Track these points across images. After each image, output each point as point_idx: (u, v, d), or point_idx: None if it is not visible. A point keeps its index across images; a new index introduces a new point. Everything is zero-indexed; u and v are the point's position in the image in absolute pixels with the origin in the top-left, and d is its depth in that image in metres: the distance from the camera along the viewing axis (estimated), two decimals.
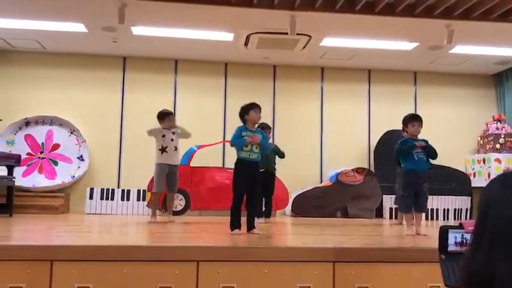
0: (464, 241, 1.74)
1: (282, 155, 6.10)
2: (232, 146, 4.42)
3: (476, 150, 8.14)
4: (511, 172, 0.94)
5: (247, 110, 4.41)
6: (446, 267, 1.71)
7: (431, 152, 4.62)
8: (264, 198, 5.99)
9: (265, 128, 5.73)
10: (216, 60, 7.78)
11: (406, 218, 4.77)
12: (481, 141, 8.00)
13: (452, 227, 1.78)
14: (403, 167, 4.67)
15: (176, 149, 5.78)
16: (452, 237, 1.76)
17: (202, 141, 7.08)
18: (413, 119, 4.68)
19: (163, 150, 5.68)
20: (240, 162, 4.34)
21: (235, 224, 4.25)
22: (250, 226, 4.31)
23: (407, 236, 4.43)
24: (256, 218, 4.57)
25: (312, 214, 7.06)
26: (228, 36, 6.53)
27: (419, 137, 4.70)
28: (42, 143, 7.37)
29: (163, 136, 5.69)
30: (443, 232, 1.77)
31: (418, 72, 8.30)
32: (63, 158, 7.37)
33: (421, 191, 4.58)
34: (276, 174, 6.21)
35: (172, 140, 5.73)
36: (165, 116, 5.80)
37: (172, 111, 6.30)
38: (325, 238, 4.52)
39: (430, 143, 4.68)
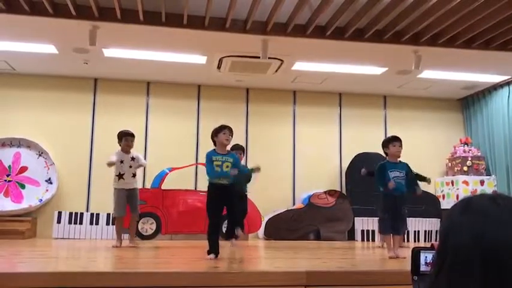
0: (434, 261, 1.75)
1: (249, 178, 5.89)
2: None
3: (445, 173, 8.30)
4: (471, 198, 0.94)
5: (216, 133, 4.41)
6: None
7: (412, 179, 4.70)
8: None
9: (237, 149, 5.72)
10: (188, 82, 7.77)
11: (386, 240, 4.79)
12: (449, 164, 8.16)
13: (424, 249, 1.79)
14: (382, 190, 4.73)
15: (134, 175, 5.64)
16: (423, 257, 1.77)
17: (174, 163, 7.01)
18: (394, 140, 4.80)
19: (120, 176, 5.55)
20: (210, 186, 4.31)
21: (211, 249, 4.20)
22: (229, 235, 4.38)
23: (390, 258, 4.44)
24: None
25: (284, 237, 7.02)
26: (201, 59, 6.54)
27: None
28: (9, 166, 7.16)
29: (121, 162, 5.55)
30: (415, 253, 1.77)
31: (388, 96, 8.47)
32: (31, 181, 7.17)
33: (399, 214, 4.62)
34: (248, 197, 6.16)
35: (130, 166, 5.59)
36: (122, 136, 5.67)
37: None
38: (298, 262, 4.50)
39: None
